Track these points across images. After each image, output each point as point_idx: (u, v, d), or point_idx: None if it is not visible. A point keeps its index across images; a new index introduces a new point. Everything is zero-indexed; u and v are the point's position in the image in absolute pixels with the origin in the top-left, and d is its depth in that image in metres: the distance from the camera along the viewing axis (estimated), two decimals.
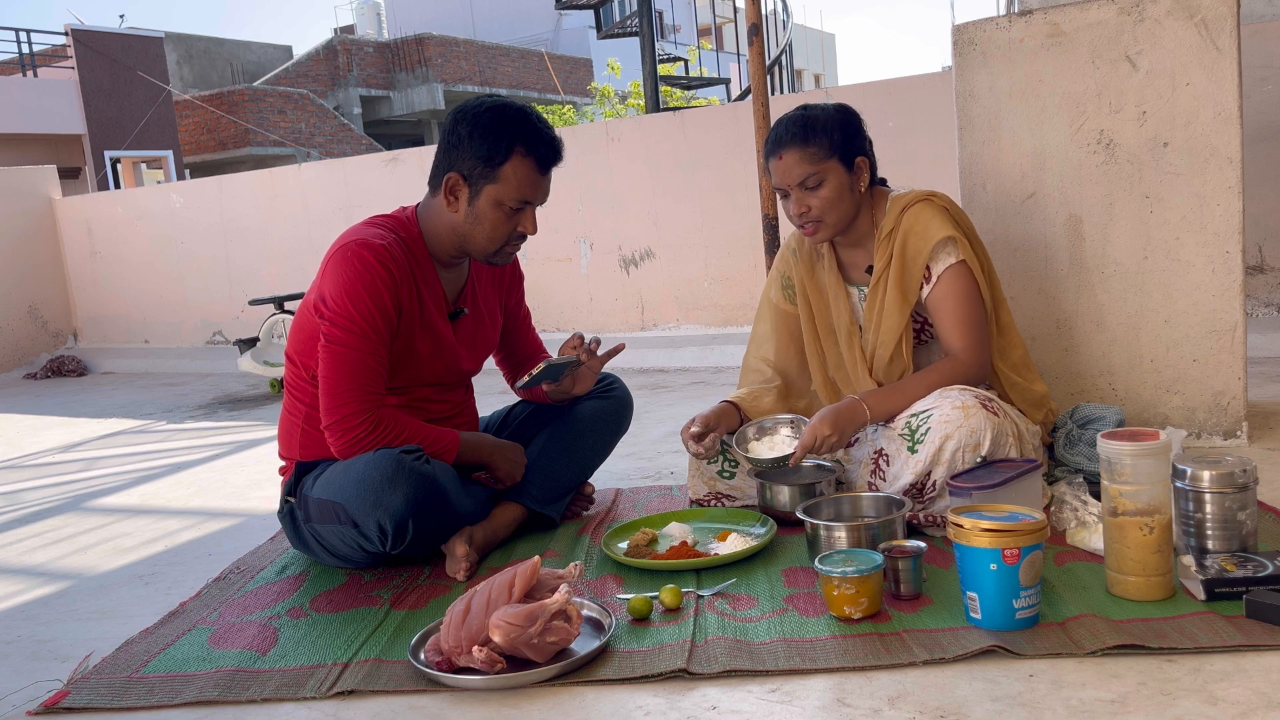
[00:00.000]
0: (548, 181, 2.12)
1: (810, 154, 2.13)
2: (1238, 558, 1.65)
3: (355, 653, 1.70)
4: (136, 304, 7.26)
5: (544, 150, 2.06)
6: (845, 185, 2.16)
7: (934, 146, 4.50)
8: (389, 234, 2.09)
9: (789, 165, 2.15)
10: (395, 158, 6.21)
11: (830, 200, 2.15)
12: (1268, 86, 4.17)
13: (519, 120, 2.05)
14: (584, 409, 2.40)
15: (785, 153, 2.15)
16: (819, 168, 2.13)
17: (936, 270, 2.15)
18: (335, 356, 2.02)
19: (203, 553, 2.48)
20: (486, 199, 2.06)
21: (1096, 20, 2.56)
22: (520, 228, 2.11)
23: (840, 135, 2.15)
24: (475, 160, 2.04)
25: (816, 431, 2.07)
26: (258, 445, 3.85)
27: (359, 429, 2.01)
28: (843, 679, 1.48)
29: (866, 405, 2.10)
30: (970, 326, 2.14)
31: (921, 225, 2.15)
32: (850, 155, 2.16)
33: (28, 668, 1.81)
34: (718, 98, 16.19)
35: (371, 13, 28.43)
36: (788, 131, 2.16)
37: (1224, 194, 2.51)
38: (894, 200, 2.22)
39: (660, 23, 21.72)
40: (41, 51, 17.72)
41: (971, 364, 2.12)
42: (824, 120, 2.15)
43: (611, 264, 5.58)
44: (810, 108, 2.20)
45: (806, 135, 2.14)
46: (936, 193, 2.22)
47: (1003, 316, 2.26)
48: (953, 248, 2.14)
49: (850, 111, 2.22)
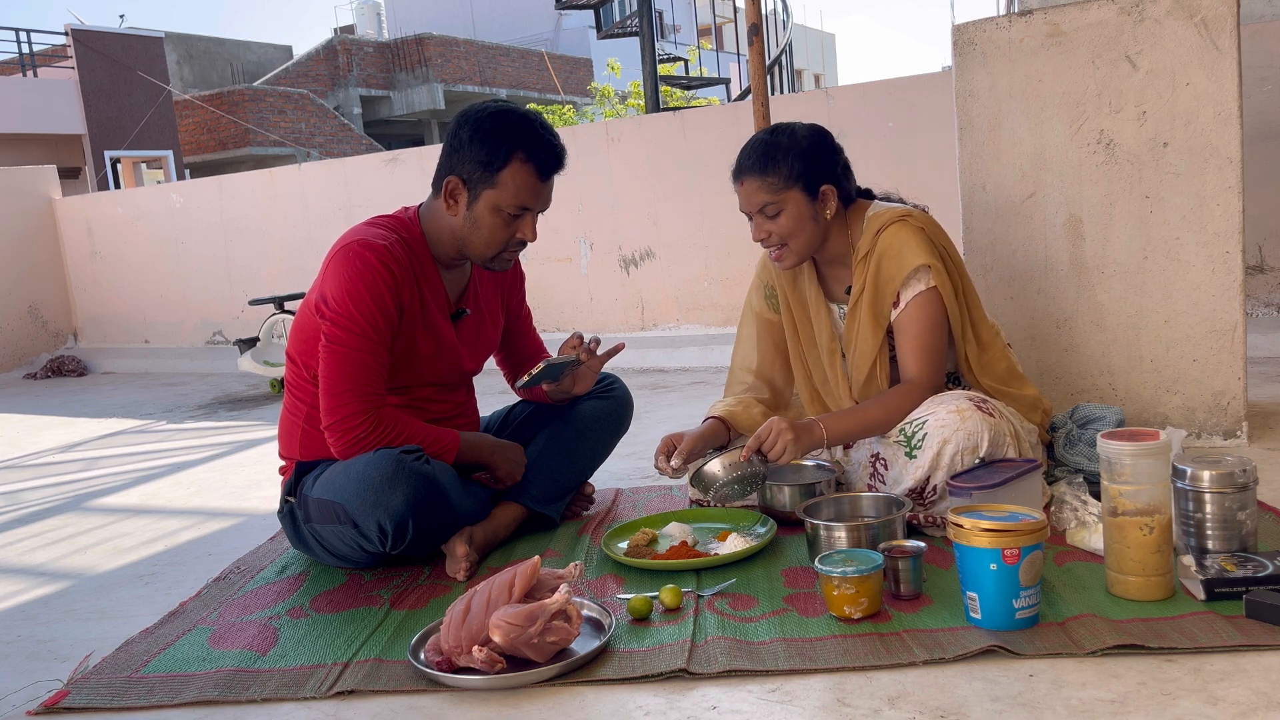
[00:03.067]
0: (549, 189, 2.11)
1: (768, 183, 2.11)
2: (1238, 558, 1.65)
3: (355, 653, 1.70)
4: (136, 304, 7.26)
5: (544, 157, 2.06)
6: (806, 214, 2.13)
7: (934, 146, 4.50)
8: (391, 234, 2.09)
9: (748, 192, 2.14)
10: (395, 158, 6.21)
11: (789, 228, 2.12)
12: (1268, 86, 4.17)
13: (520, 126, 2.04)
14: (584, 409, 2.40)
15: (746, 179, 2.14)
16: (776, 197, 2.11)
17: (905, 296, 2.11)
18: (336, 357, 2.02)
19: (203, 553, 2.48)
20: (485, 204, 2.06)
21: (1096, 20, 2.56)
22: (519, 234, 2.10)
23: (802, 164, 2.11)
24: (475, 165, 2.04)
25: (774, 426, 2.02)
26: (258, 445, 3.85)
27: (359, 429, 2.01)
28: (843, 679, 1.47)
29: (824, 426, 2.06)
30: (929, 354, 2.11)
31: (895, 250, 2.10)
32: (814, 183, 2.12)
33: (28, 668, 1.81)
34: (718, 98, 16.19)
35: (371, 13, 28.43)
36: (749, 158, 2.14)
37: (1224, 194, 2.51)
38: (870, 221, 2.17)
39: (660, 23, 21.73)
40: (41, 51, 17.72)
41: (927, 389, 2.09)
42: (786, 148, 2.11)
43: (611, 264, 5.58)
44: (778, 131, 2.17)
45: (765, 164, 2.11)
46: (913, 212, 2.16)
47: (983, 334, 2.21)
48: (925, 274, 2.09)
49: (819, 136, 2.17)
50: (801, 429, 2.04)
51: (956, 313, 2.13)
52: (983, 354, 2.20)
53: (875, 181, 2.44)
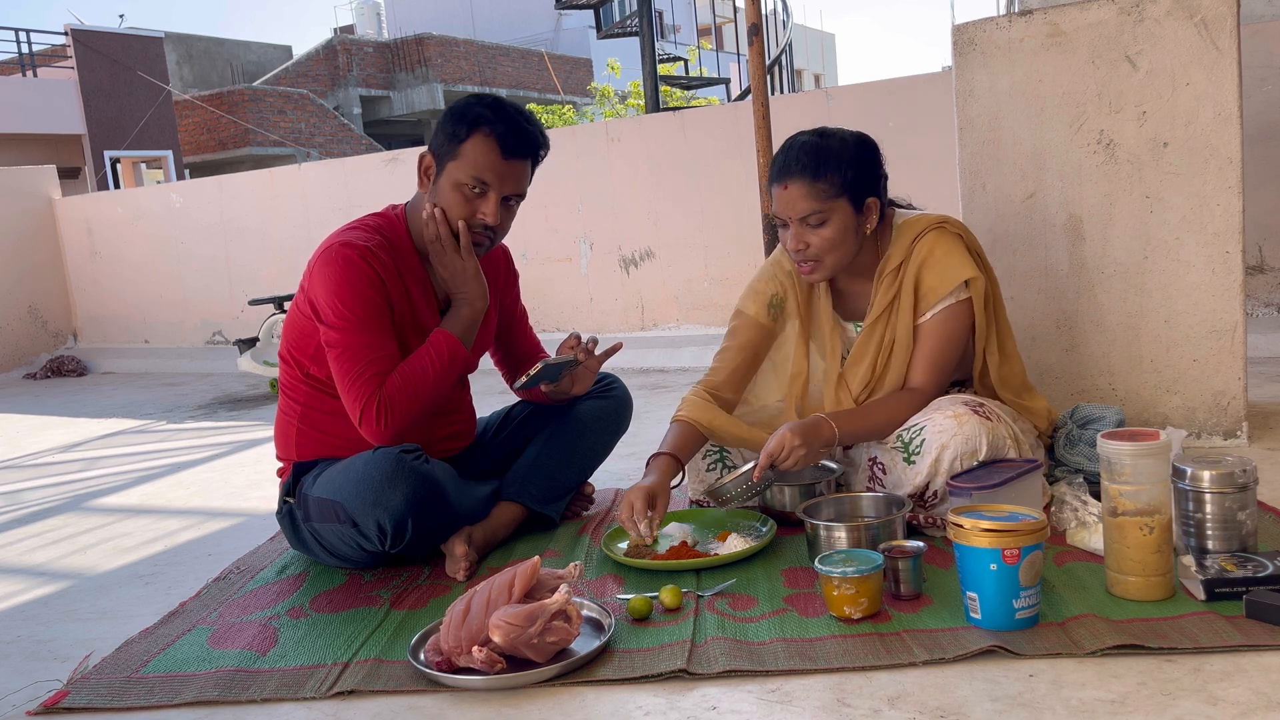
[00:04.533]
0: (516, 171, 2.07)
1: (819, 190, 1.98)
2: (1238, 558, 1.65)
3: (355, 653, 1.70)
4: (136, 304, 7.26)
5: (505, 132, 2.03)
6: (850, 227, 2.02)
7: (934, 146, 4.49)
8: (374, 235, 2.09)
9: (793, 198, 2.00)
10: (395, 158, 6.21)
11: (832, 241, 2.01)
12: (1268, 86, 4.17)
13: (491, 105, 2.07)
14: (584, 409, 2.39)
15: (791, 183, 1.99)
16: (825, 206, 1.98)
17: (938, 307, 2.05)
18: (340, 359, 2.02)
19: (203, 553, 2.48)
20: (447, 177, 2.07)
21: (1096, 20, 2.56)
22: (479, 213, 2.07)
23: (854, 173, 2.00)
24: (443, 138, 2.07)
25: (785, 440, 1.95)
26: (257, 445, 3.85)
27: (382, 418, 2.00)
28: (843, 679, 1.47)
29: (834, 424, 2.01)
30: (940, 367, 2.08)
31: (938, 260, 2.02)
32: (861, 195, 2.01)
33: (28, 668, 1.81)
34: (718, 98, 16.18)
35: (371, 13, 28.43)
36: (798, 160, 1.99)
37: (1224, 194, 2.51)
38: (901, 228, 2.08)
39: (660, 23, 21.71)
40: (41, 51, 17.73)
41: (928, 400, 2.07)
42: (839, 154, 2.00)
43: (611, 264, 5.58)
44: (828, 135, 2.04)
45: (818, 168, 1.98)
46: (949, 218, 2.09)
47: (1007, 344, 2.15)
48: (963, 290, 2.03)
49: (870, 145, 2.07)
50: (810, 434, 1.98)
51: (983, 324, 2.08)
52: (1004, 365, 2.15)
53: None
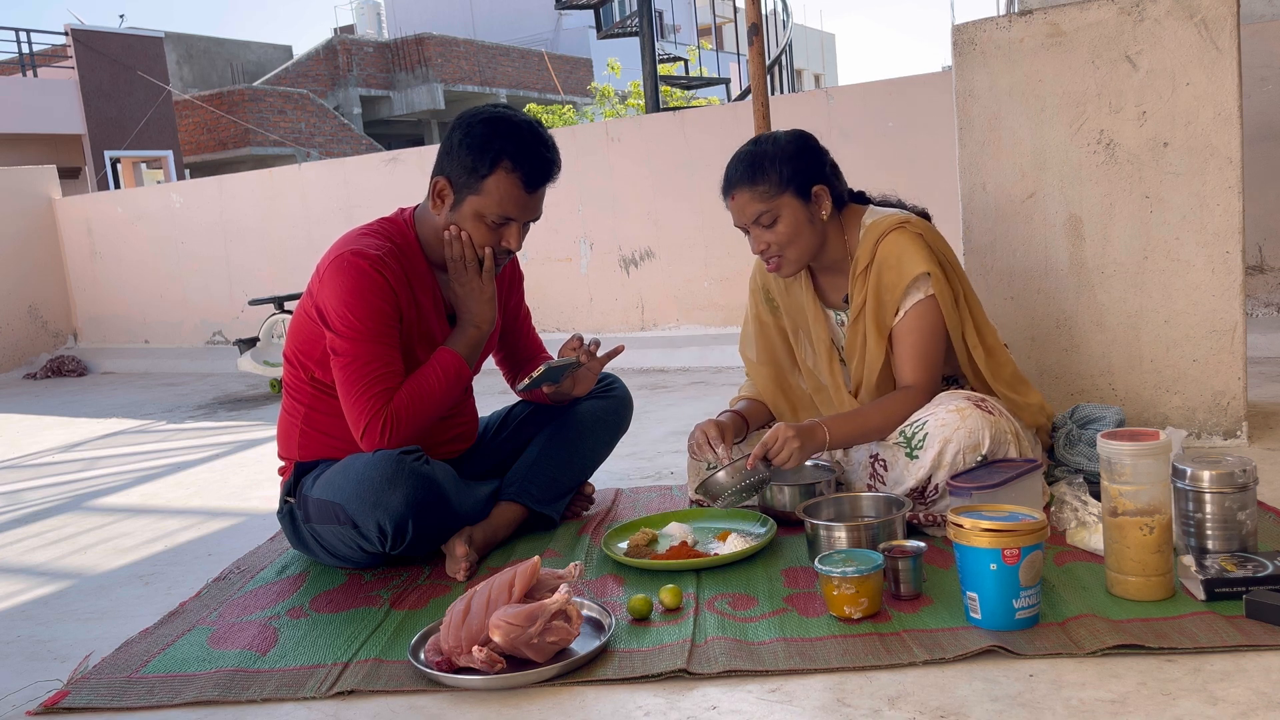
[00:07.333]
0: (537, 200, 2.09)
1: (760, 191, 2.09)
2: (1238, 558, 1.65)
3: (355, 653, 1.70)
4: (136, 304, 7.26)
5: (531, 168, 2.03)
6: (803, 218, 2.11)
7: (934, 146, 4.50)
8: (385, 243, 2.08)
9: (741, 205, 2.12)
10: (395, 158, 6.21)
11: (788, 234, 2.11)
12: (1268, 86, 4.17)
13: (510, 135, 2.02)
14: (584, 409, 2.39)
15: (736, 192, 2.12)
16: (770, 204, 2.09)
17: (905, 305, 2.11)
18: (346, 369, 2.01)
19: (203, 553, 2.48)
20: (468, 209, 2.05)
21: (1096, 20, 2.56)
22: (504, 242, 2.09)
23: (791, 168, 2.10)
24: (462, 169, 2.03)
25: (780, 433, 2.01)
26: (257, 445, 3.85)
27: (386, 433, 2.00)
28: (843, 679, 1.47)
29: (827, 429, 2.06)
30: (926, 362, 2.11)
31: (895, 259, 2.09)
32: (805, 185, 2.11)
33: (28, 668, 1.81)
34: (718, 98, 16.18)
35: (371, 13, 28.44)
36: (736, 170, 2.13)
37: (1224, 194, 2.51)
38: (868, 230, 2.15)
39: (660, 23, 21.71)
40: (41, 51, 17.73)
41: (925, 394, 2.10)
42: (772, 154, 2.11)
43: (611, 264, 5.58)
44: (760, 141, 2.17)
45: (754, 173, 2.10)
46: (910, 218, 2.15)
47: (988, 339, 2.19)
48: (924, 283, 2.09)
49: (804, 139, 2.17)
50: (805, 433, 2.03)
51: (955, 321, 2.12)
52: (990, 359, 2.17)
53: (876, 181, 2.45)
